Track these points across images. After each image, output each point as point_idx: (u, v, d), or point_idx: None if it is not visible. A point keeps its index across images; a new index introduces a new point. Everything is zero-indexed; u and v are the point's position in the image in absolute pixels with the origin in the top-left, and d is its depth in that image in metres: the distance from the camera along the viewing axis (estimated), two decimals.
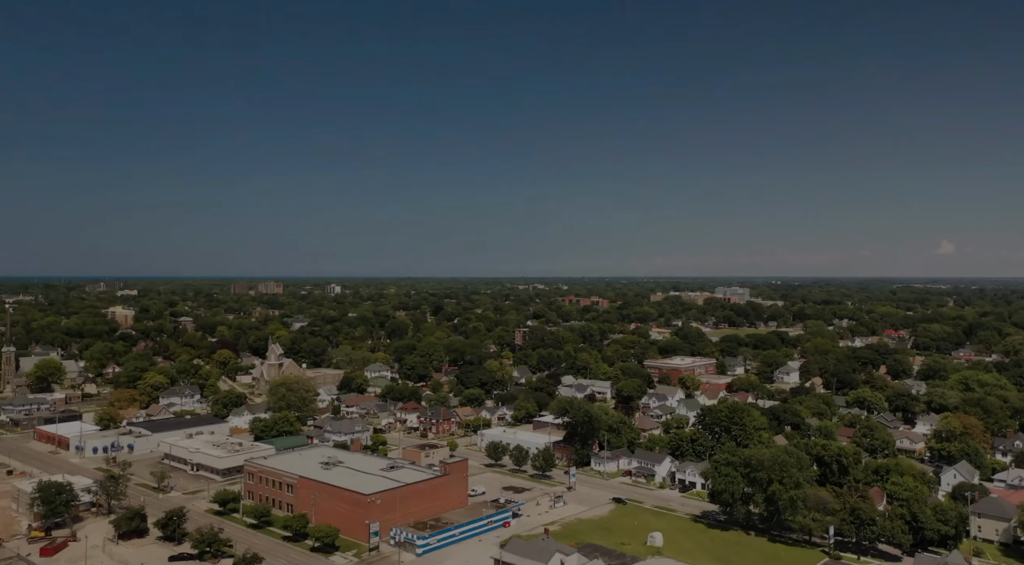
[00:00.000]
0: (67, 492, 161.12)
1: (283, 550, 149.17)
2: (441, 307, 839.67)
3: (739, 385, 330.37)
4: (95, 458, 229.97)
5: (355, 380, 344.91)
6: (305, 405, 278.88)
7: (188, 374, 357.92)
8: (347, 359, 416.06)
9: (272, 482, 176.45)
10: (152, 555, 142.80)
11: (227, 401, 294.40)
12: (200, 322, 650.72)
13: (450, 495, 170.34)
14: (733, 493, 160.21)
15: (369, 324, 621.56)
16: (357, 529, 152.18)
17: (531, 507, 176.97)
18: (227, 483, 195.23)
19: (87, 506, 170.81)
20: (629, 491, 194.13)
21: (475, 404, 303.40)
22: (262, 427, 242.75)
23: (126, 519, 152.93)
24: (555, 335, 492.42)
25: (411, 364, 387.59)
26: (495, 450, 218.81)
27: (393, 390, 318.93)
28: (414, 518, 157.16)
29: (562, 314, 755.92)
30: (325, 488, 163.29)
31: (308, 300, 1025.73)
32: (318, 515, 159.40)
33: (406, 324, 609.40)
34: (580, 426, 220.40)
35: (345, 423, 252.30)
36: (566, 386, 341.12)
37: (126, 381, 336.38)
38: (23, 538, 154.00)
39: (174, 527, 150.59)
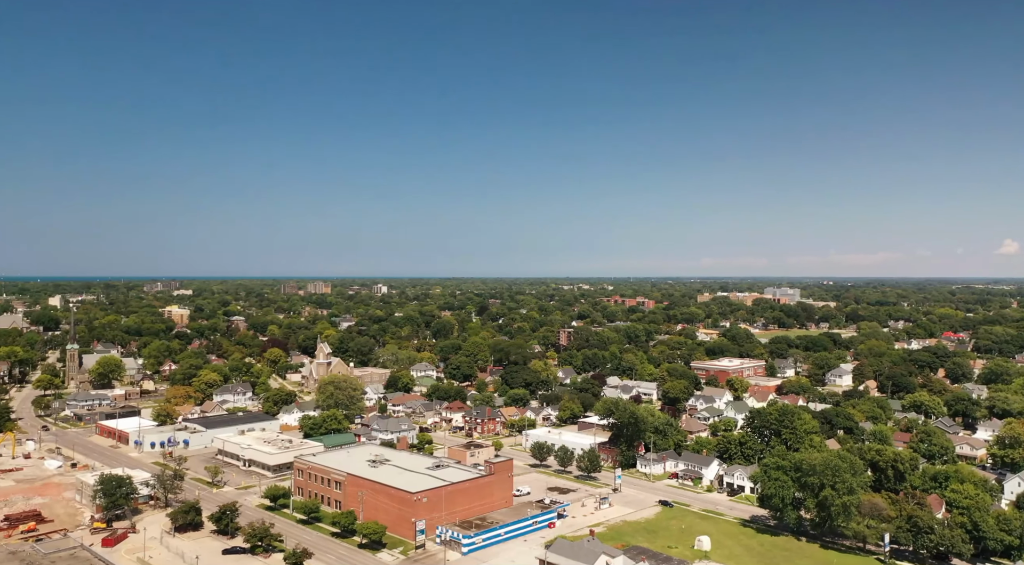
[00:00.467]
0: (127, 485, 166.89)
1: (332, 546, 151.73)
2: (486, 307, 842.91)
3: (789, 387, 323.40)
4: (153, 453, 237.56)
5: (401, 379, 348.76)
6: (353, 403, 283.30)
7: (240, 372, 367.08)
8: (393, 358, 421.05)
9: (321, 479, 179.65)
10: (207, 548, 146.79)
11: (277, 399, 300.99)
12: (252, 321, 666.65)
13: (495, 495, 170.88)
14: (783, 498, 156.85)
15: (415, 324, 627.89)
16: (404, 526, 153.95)
17: (576, 508, 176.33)
18: (277, 479, 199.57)
19: (145, 499, 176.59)
20: (675, 494, 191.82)
21: (520, 404, 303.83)
22: (311, 425, 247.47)
23: (182, 512, 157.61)
24: (600, 336, 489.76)
25: (456, 364, 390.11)
26: (540, 450, 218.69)
27: (438, 389, 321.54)
28: (459, 517, 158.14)
29: (607, 314, 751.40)
30: (372, 486, 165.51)
31: (355, 300, 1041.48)
32: (365, 512, 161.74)
33: (451, 324, 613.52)
34: (626, 427, 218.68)
35: (392, 422, 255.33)
36: (611, 387, 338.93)
37: (182, 378, 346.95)
38: (86, 528, 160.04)
39: (227, 521, 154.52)
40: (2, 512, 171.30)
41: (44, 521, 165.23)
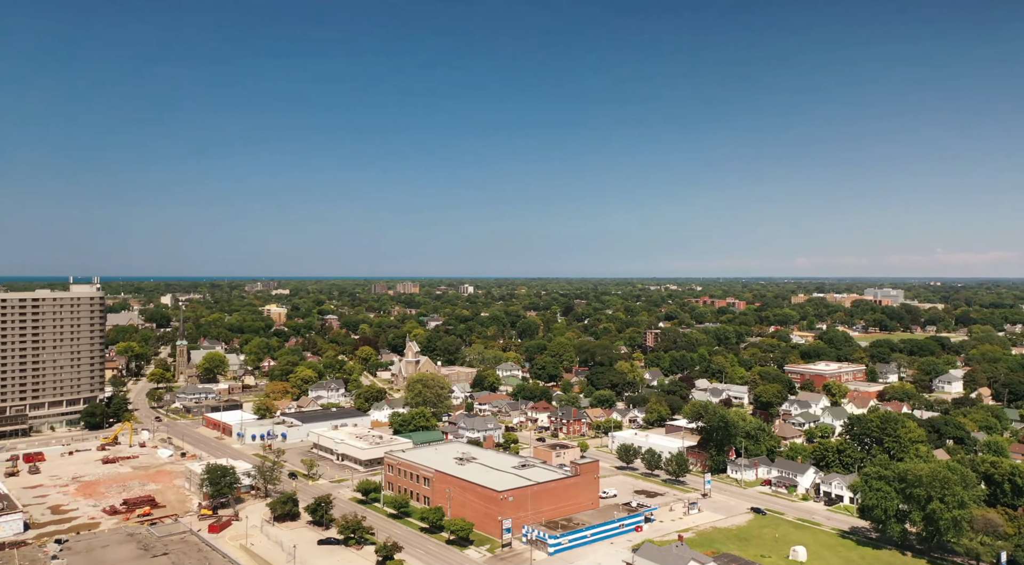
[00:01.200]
0: (230, 475, 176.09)
1: (420, 541, 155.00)
2: (571, 307, 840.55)
3: (892, 394, 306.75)
4: (253, 445, 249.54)
5: (487, 378, 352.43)
6: (440, 401, 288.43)
7: (334, 369, 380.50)
8: (480, 357, 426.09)
9: (410, 475, 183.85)
10: (303, 538, 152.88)
11: (369, 395, 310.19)
12: (344, 320, 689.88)
13: (581, 496, 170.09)
14: (886, 510, 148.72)
15: (501, 324, 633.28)
16: (490, 524, 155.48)
17: (664, 512, 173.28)
18: (369, 474, 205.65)
19: (247, 489, 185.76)
20: (768, 501, 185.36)
21: (606, 405, 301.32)
22: (400, 421, 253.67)
23: (280, 503, 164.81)
24: (688, 337, 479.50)
25: (542, 364, 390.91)
26: (626, 453, 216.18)
27: (524, 389, 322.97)
28: (545, 517, 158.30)
29: (696, 316, 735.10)
30: (459, 483, 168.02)
31: (443, 300, 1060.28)
32: (453, 509, 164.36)
33: (537, 324, 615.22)
34: (715, 431, 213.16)
35: (478, 420, 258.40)
36: (700, 390, 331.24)
37: (279, 374, 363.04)
38: (194, 515, 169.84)
39: (322, 513, 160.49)
40: (121, 496, 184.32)
41: (157, 506, 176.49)
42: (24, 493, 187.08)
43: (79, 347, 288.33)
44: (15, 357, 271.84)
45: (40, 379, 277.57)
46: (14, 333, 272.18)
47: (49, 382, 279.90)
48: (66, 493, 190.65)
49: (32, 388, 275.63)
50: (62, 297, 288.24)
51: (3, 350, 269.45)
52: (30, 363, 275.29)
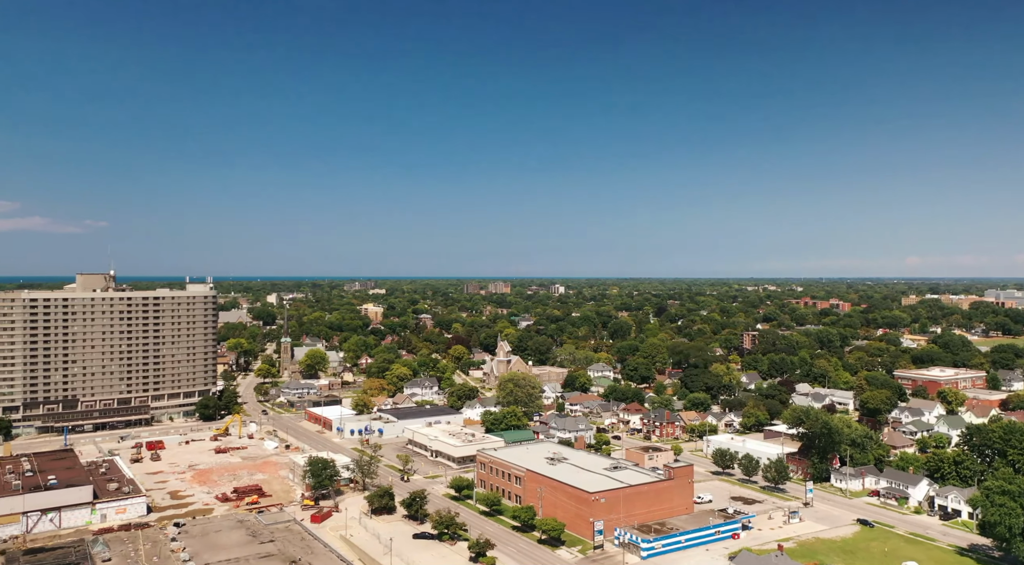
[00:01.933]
0: (331, 468, 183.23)
1: (512, 539, 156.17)
2: (664, 308, 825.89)
3: (1018, 403, 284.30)
4: (352, 439, 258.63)
5: (578, 379, 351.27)
6: (531, 401, 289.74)
7: (428, 367, 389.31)
8: (571, 358, 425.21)
9: (501, 473, 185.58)
10: (399, 531, 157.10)
11: (461, 393, 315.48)
12: (438, 319, 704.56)
13: (675, 500, 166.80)
14: (1011, 527, 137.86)
15: (592, 324, 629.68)
16: (581, 525, 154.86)
17: (762, 520, 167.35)
18: (461, 471, 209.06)
19: (346, 481, 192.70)
20: (876, 513, 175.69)
21: (700, 408, 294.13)
22: (492, 420, 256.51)
23: (377, 496, 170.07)
24: (788, 339, 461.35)
25: (634, 365, 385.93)
26: (722, 457, 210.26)
27: (616, 390, 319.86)
28: (638, 520, 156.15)
29: (796, 317, 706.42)
30: (551, 483, 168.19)
31: (534, 300, 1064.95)
32: (544, 508, 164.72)
33: (629, 325, 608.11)
34: (818, 438, 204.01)
35: (569, 421, 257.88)
36: (801, 394, 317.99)
37: (376, 371, 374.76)
38: (297, 505, 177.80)
39: (417, 507, 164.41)
40: (232, 485, 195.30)
41: (264, 495, 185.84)
42: (147, 478, 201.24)
43: (194, 343, 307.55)
44: (139, 352, 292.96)
45: (160, 372, 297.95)
46: (138, 329, 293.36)
47: (168, 375, 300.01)
48: (183, 480, 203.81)
49: (154, 381, 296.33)
50: (180, 296, 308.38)
51: (130, 345, 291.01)
52: (152, 357, 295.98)
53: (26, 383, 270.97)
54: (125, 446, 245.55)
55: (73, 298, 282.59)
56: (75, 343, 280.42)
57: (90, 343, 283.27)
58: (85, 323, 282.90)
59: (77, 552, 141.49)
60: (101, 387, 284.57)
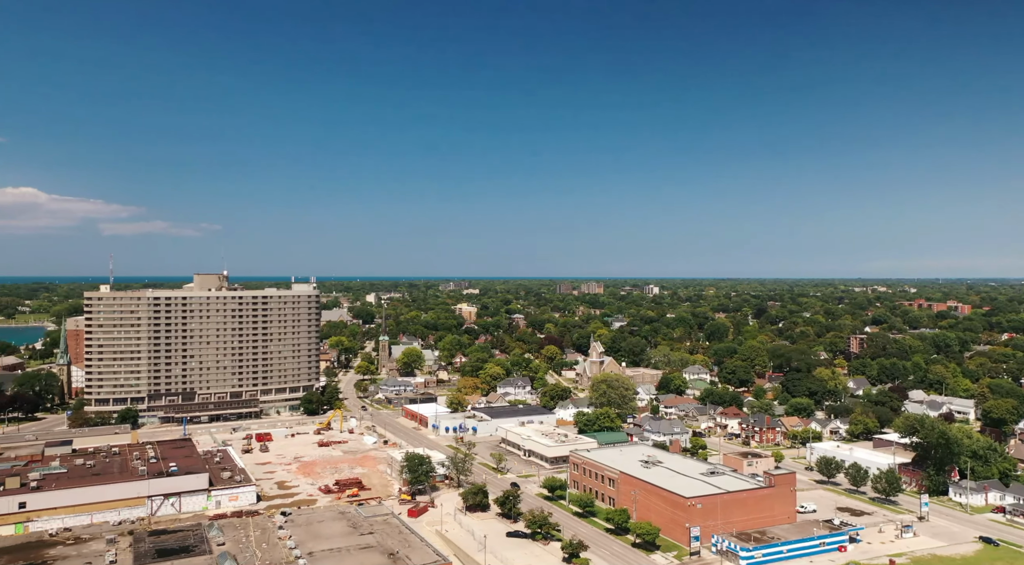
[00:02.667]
0: (427, 464, 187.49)
1: (606, 541, 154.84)
2: (764, 309, 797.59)
3: None
4: (446, 436, 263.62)
5: (673, 381, 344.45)
6: (625, 403, 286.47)
7: (520, 367, 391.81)
8: (665, 360, 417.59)
9: (594, 474, 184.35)
10: (492, 529, 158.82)
11: (554, 394, 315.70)
12: (530, 319, 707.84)
13: (776, 508, 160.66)
14: None
15: (687, 325, 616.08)
16: (676, 531, 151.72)
17: (872, 533, 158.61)
18: (554, 471, 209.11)
19: (442, 478, 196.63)
20: (1002, 531, 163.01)
21: (803, 414, 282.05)
22: (585, 421, 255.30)
23: (472, 493, 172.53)
24: (900, 343, 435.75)
25: (732, 368, 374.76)
26: (827, 466, 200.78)
27: (712, 394, 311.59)
28: (736, 528, 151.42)
29: (909, 320, 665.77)
30: (645, 486, 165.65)
31: (627, 300, 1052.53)
32: (638, 512, 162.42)
33: (726, 326, 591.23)
34: (934, 449, 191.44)
35: (664, 423, 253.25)
36: (915, 402, 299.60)
37: (470, 370, 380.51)
38: (395, 499, 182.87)
39: (510, 506, 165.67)
40: (334, 477, 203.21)
41: (364, 488, 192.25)
42: (256, 469, 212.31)
43: (299, 340, 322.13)
44: (249, 348, 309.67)
45: (268, 368, 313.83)
46: (248, 326, 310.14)
47: (275, 371, 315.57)
48: (289, 471, 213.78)
49: (263, 376, 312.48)
50: (286, 295, 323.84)
51: (241, 341, 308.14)
52: (261, 353, 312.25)
53: (150, 376, 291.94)
54: (237, 437, 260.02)
55: (191, 297, 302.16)
56: (193, 339, 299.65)
57: (206, 339, 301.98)
58: (201, 320, 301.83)
59: (195, 535, 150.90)
60: (215, 381, 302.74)
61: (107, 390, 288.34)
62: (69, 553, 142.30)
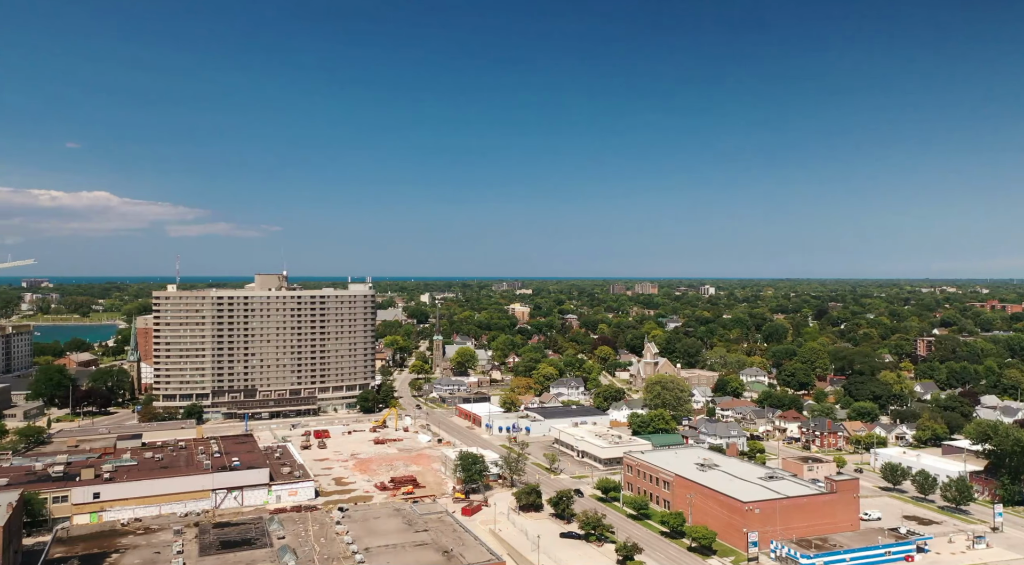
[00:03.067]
0: (480, 463, 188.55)
1: (661, 544, 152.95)
2: (825, 310, 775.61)
3: None
4: (500, 436, 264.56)
5: (730, 383, 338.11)
6: (680, 405, 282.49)
7: (573, 367, 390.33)
8: (721, 361, 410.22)
9: (649, 476, 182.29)
10: (546, 529, 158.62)
11: (607, 395, 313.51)
12: (583, 320, 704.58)
13: (837, 515, 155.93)
14: None
15: (744, 326, 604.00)
16: (733, 535, 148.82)
17: (941, 544, 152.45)
18: (608, 472, 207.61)
19: (495, 477, 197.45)
20: None
21: (866, 419, 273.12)
22: (639, 422, 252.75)
23: (525, 493, 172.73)
24: (972, 346, 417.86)
25: (791, 370, 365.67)
26: (892, 473, 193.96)
27: (771, 396, 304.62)
28: (796, 534, 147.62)
29: (981, 322, 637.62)
30: (701, 489, 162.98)
31: (682, 301, 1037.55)
32: (694, 515, 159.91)
33: (785, 328, 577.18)
34: (1009, 457, 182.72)
35: (720, 426, 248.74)
36: (987, 407, 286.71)
37: (523, 370, 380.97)
38: (449, 497, 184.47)
39: (564, 506, 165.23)
40: (389, 474, 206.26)
41: (418, 486, 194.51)
42: (314, 465, 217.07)
43: (355, 339, 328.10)
44: (308, 346, 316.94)
45: (326, 366, 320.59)
46: (307, 325, 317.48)
47: (332, 369, 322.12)
48: (346, 467, 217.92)
49: (320, 374, 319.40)
50: (342, 295, 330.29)
51: (300, 339, 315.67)
52: (318, 352, 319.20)
53: (214, 373, 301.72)
54: (296, 434, 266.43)
55: (252, 296, 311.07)
56: (254, 337, 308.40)
57: (266, 338, 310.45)
58: (262, 319, 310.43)
59: (256, 528, 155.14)
60: (275, 378, 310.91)
61: (174, 386, 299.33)
62: (139, 542, 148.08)
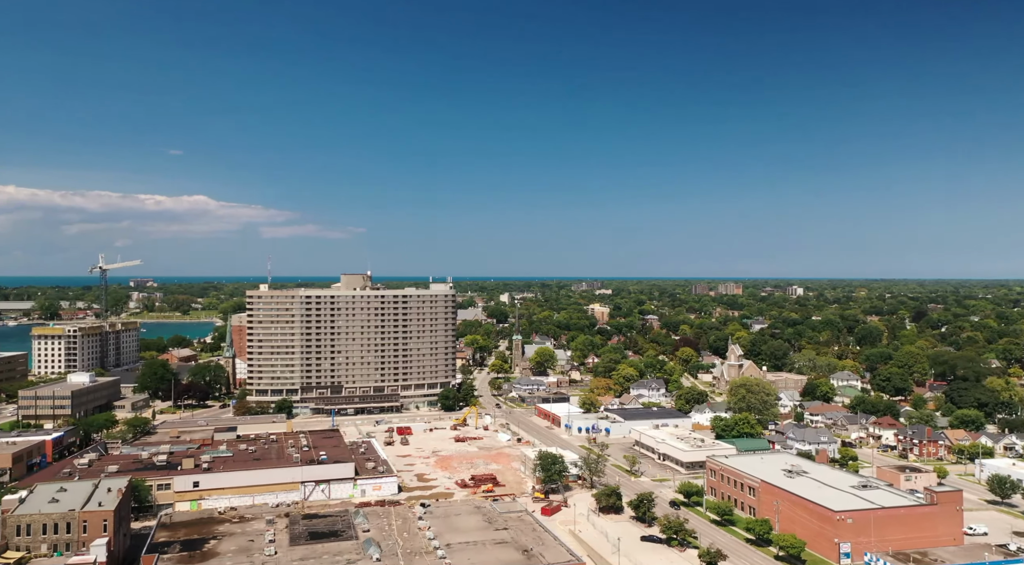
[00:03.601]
0: (560, 463, 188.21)
1: (746, 552, 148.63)
2: (924, 312, 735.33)
3: None
4: (579, 436, 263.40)
5: (820, 387, 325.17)
6: (765, 408, 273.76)
7: (654, 368, 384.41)
8: (810, 364, 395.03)
9: (733, 482, 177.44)
10: (626, 532, 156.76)
11: (689, 397, 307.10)
12: (664, 320, 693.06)
13: (938, 528, 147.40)
14: None
15: (835, 328, 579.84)
16: (823, 545, 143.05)
17: None
18: (690, 476, 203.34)
19: (574, 478, 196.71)
20: None
21: (971, 427, 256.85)
22: (723, 426, 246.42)
23: (605, 495, 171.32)
24: None
25: (886, 375, 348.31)
26: (1000, 485, 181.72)
27: (864, 402, 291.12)
28: (892, 546, 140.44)
29: None
30: (789, 497, 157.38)
31: (768, 301, 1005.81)
32: (781, 523, 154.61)
33: (880, 330, 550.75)
34: None
35: (809, 432, 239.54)
36: None
37: (603, 371, 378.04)
38: (528, 497, 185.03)
39: (644, 509, 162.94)
40: (469, 472, 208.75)
41: (498, 485, 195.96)
42: (397, 460, 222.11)
43: (436, 338, 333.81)
44: (391, 344, 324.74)
45: (408, 364, 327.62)
46: (390, 324, 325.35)
47: (415, 367, 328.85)
48: (427, 464, 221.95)
49: (403, 371, 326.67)
50: (424, 294, 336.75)
51: (383, 338, 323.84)
52: (401, 350, 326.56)
53: (303, 369, 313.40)
54: (379, 430, 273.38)
55: (338, 295, 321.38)
56: (340, 335, 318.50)
57: (351, 336, 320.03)
58: (348, 318, 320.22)
59: (343, 521, 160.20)
60: (360, 375, 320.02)
61: (265, 381, 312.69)
62: (235, 530, 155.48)
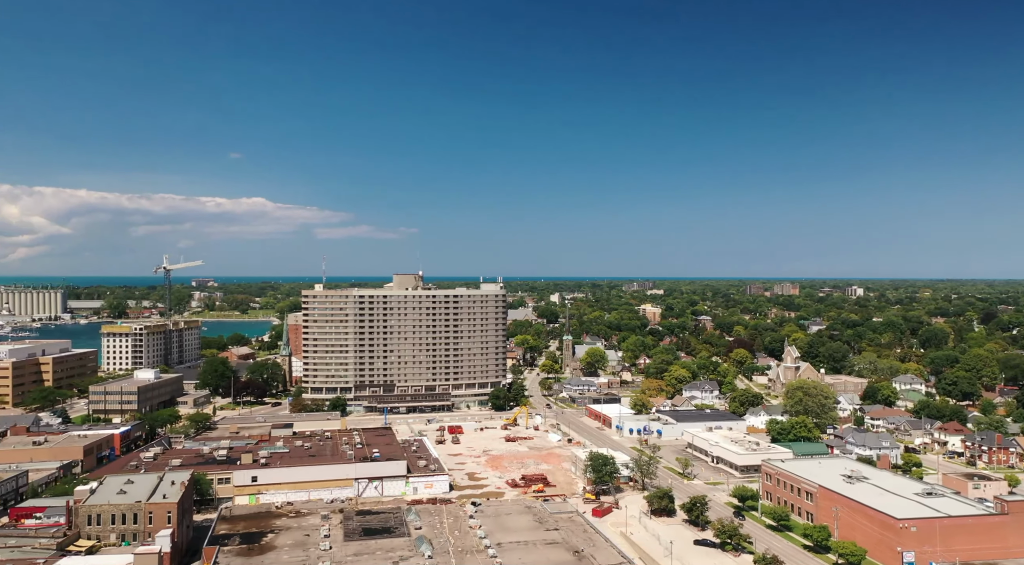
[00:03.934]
0: (611, 464, 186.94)
1: (803, 558, 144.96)
2: (994, 314, 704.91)
3: None
4: (630, 438, 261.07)
5: (881, 391, 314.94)
6: (824, 412, 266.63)
7: (707, 370, 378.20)
8: (871, 367, 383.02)
9: (790, 487, 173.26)
10: (679, 535, 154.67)
11: (744, 399, 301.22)
12: (718, 321, 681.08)
13: (1009, 540, 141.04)
14: None
15: (897, 330, 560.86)
16: (885, 554, 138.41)
17: None
18: (744, 480, 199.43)
19: (626, 479, 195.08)
20: None
21: None
22: (779, 429, 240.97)
23: (657, 497, 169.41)
24: None
25: (953, 378, 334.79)
26: None
27: (929, 406, 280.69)
28: (959, 557, 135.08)
29: None
30: (848, 503, 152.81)
31: (826, 302, 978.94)
32: (840, 530, 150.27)
33: (945, 332, 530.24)
34: None
35: (870, 436, 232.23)
36: None
37: (654, 372, 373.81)
38: (579, 498, 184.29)
39: (698, 513, 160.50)
40: (520, 472, 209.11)
41: (548, 485, 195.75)
42: (448, 459, 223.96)
43: (487, 337, 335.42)
44: (442, 344, 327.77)
45: (459, 363, 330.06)
46: (441, 324, 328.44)
47: (465, 366, 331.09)
48: (478, 463, 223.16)
49: (454, 371, 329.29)
50: (475, 294, 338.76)
51: (435, 337, 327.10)
52: (452, 349, 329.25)
53: (356, 368, 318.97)
54: (431, 428, 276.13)
55: (391, 295, 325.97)
56: (392, 335, 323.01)
57: (403, 335, 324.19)
58: (400, 317, 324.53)
59: (395, 518, 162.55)
60: (412, 374, 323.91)
61: (320, 380, 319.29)
62: (291, 525, 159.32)
